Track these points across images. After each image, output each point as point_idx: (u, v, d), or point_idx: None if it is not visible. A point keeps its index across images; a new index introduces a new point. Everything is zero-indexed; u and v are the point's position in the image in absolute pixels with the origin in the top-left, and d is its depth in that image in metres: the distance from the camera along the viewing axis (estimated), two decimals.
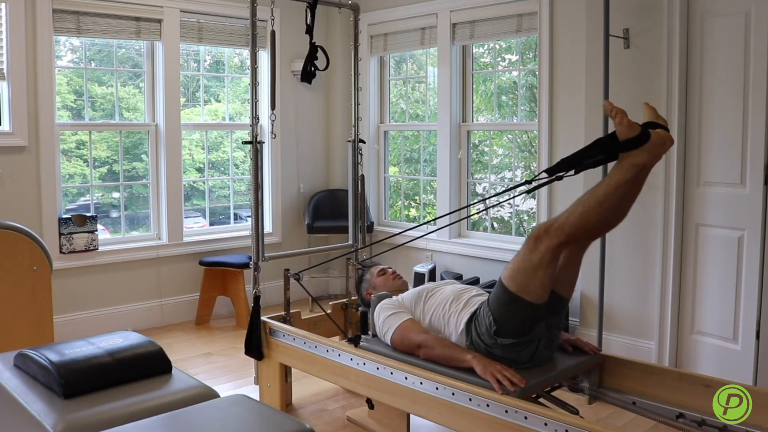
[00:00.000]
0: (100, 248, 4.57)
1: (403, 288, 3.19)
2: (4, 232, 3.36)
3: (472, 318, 2.58)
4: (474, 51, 5.00)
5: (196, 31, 4.96)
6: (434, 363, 2.59)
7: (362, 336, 2.98)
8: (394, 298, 2.94)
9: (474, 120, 5.03)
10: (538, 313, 2.44)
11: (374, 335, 2.94)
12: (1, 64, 4.14)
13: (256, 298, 3.32)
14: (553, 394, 2.75)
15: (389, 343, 2.79)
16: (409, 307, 2.84)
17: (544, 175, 2.42)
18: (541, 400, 2.64)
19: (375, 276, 3.27)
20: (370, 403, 3.13)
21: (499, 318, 2.45)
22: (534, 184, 2.55)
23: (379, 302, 2.92)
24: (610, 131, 3.63)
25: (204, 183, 5.32)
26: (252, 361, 3.49)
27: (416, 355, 2.66)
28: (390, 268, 3.33)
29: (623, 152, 2.27)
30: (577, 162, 2.33)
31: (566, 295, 2.56)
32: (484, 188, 5.18)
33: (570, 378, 2.73)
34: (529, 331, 2.46)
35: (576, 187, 3.96)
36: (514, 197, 4.75)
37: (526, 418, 2.23)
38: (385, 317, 2.82)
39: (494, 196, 3.53)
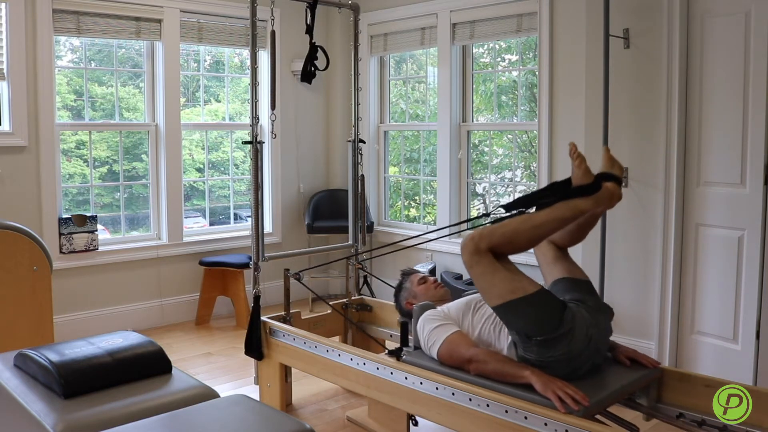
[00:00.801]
0: (100, 248, 4.57)
1: (446, 297, 2.98)
2: (4, 232, 3.36)
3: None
4: (474, 51, 5.00)
5: (196, 31, 4.96)
6: (487, 379, 2.40)
7: (404, 348, 2.81)
8: (439, 308, 2.73)
9: (474, 120, 5.03)
10: (546, 299, 2.32)
11: (416, 348, 2.74)
12: (1, 64, 4.14)
13: (256, 298, 3.32)
14: (609, 410, 2.54)
15: (435, 357, 2.59)
16: (456, 319, 2.64)
17: (502, 210, 2.52)
18: (597, 416, 2.40)
19: (415, 284, 3.05)
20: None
21: (520, 329, 2.33)
22: (492, 217, 2.57)
23: (423, 313, 2.71)
24: (610, 130, 3.65)
25: (204, 183, 5.33)
26: (252, 361, 3.49)
27: (466, 370, 2.47)
28: (432, 276, 3.19)
29: (574, 198, 2.38)
30: (533, 201, 2.47)
31: (570, 274, 2.54)
32: (484, 188, 5.19)
33: (629, 394, 2.53)
34: (559, 322, 2.29)
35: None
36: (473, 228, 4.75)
37: (526, 418, 2.23)
38: (431, 329, 2.61)
39: (455, 225, 3.65)
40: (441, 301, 2.89)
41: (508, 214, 2.48)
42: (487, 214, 2.59)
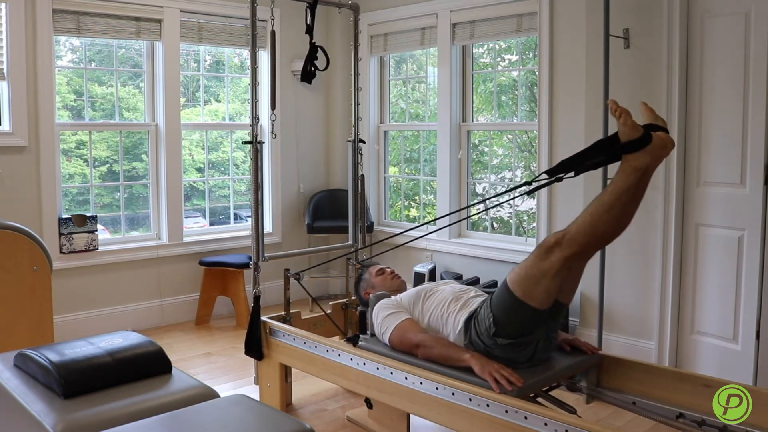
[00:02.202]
0: (100, 248, 4.57)
1: (402, 288, 3.19)
2: (4, 232, 3.36)
3: (472, 317, 2.58)
4: (474, 51, 5.00)
5: (196, 31, 4.96)
6: (432, 362, 2.59)
7: (361, 335, 2.99)
8: (393, 297, 2.95)
9: (474, 120, 5.03)
10: (539, 318, 2.45)
11: (373, 335, 2.94)
12: (1, 64, 4.14)
13: (256, 298, 3.32)
14: (552, 393, 2.75)
15: (387, 343, 2.79)
16: (407, 307, 2.84)
17: (545, 175, 2.42)
18: (539, 399, 2.65)
19: (373, 275, 3.26)
20: (369, 403, 3.14)
21: (500, 320, 2.46)
22: (534, 184, 2.54)
23: (378, 302, 2.92)
24: (610, 130, 3.65)
25: (204, 183, 5.33)
26: (252, 361, 3.48)
27: (414, 354, 2.67)
28: (388, 267, 3.33)
29: (625, 154, 2.27)
30: (577, 163, 2.33)
31: (566, 302, 2.56)
32: (484, 188, 5.19)
33: (568, 377, 2.73)
34: (528, 334, 2.48)
35: (576, 188, 3.97)
36: (515, 198, 4.75)
37: (526, 418, 2.23)
38: (384, 317, 2.82)
39: (495, 196, 3.49)
40: (396, 292, 3.08)
41: (551, 178, 2.38)
42: (529, 182, 2.52)
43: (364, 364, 2.80)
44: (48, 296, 3.50)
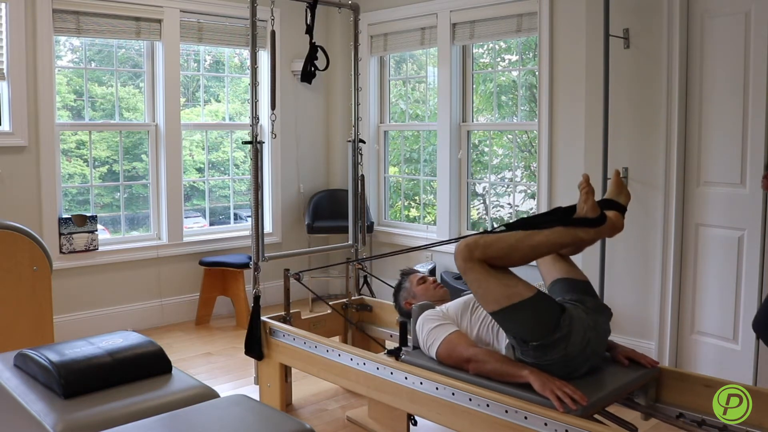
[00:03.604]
0: (100, 248, 4.57)
1: (445, 297, 2.97)
2: (4, 232, 3.36)
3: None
4: (474, 51, 5.00)
5: (196, 31, 4.96)
6: (486, 379, 2.40)
7: (403, 348, 2.83)
8: (438, 308, 2.74)
9: (474, 120, 5.03)
10: (542, 303, 2.30)
11: (415, 347, 2.75)
12: (1, 64, 4.14)
13: (256, 298, 3.32)
14: (608, 409, 2.53)
15: (434, 357, 2.59)
16: (454, 318, 2.65)
17: (503, 229, 2.46)
18: (596, 416, 2.40)
19: (414, 284, 3.05)
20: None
21: (517, 333, 2.32)
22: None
23: (422, 312, 2.72)
24: (610, 130, 3.65)
25: (204, 183, 5.33)
26: (252, 361, 3.48)
27: (465, 369, 2.48)
28: (431, 276, 3.19)
29: (575, 227, 2.33)
30: (534, 223, 2.41)
31: (576, 277, 2.53)
32: (484, 188, 5.19)
33: (627, 394, 2.52)
34: (556, 325, 2.28)
35: (576, 188, 3.96)
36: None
37: (526, 418, 2.23)
38: (430, 329, 2.62)
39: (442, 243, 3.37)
40: (440, 302, 2.88)
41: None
42: (488, 232, 2.49)
43: (364, 364, 2.80)
44: (48, 296, 3.50)
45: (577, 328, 2.31)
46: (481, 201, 5.26)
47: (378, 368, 2.73)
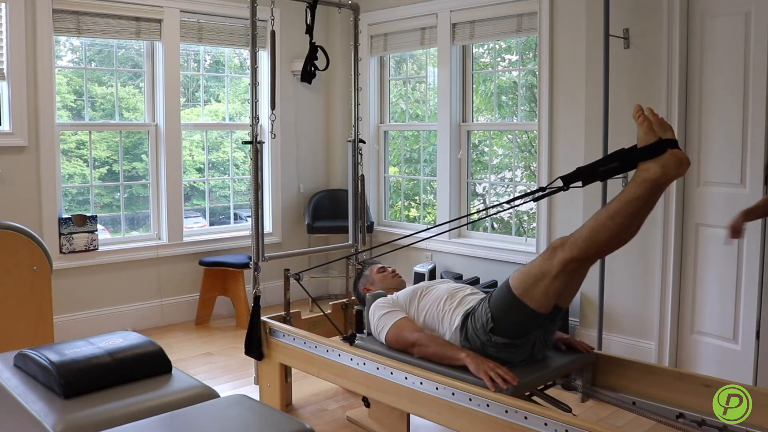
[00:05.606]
0: (100, 248, 4.57)
1: (401, 287, 3.19)
2: (4, 232, 3.36)
3: (469, 315, 2.59)
4: (474, 51, 5.00)
5: (196, 31, 4.96)
6: (428, 361, 2.61)
7: (357, 334, 3.00)
8: (389, 296, 2.96)
9: (474, 120, 5.03)
10: (536, 320, 2.45)
11: (369, 334, 2.96)
12: (1, 64, 4.14)
13: (256, 298, 3.32)
14: (547, 392, 2.77)
15: (384, 342, 2.81)
16: (403, 306, 2.86)
17: (559, 181, 2.38)
18: (535, 398, 2.67)
19: (374, 273, 3.28)
20: (366, 402, 3.14)
21: (497, 317, 2.46)
22: (548, 190, 2.49)
23: (374, 301, 2.94)
24: (610, 130, 3.65)
25: (204, 183, 5.33)
26: (252, 361, 3.49)
27: (410, 353, 2.69)
28: (390, 267, 3.34)
29: (639, 161, 2.22)
30: (594, 169, 2.30)
31: (565, 305, 2.56)
32: (484, 188, 5.19)
33: (563, 376, 2.74)
34: (524, 335, 2.48)
35: (576, 189, 3.96)
36: (525, 202, 4.71)
37: (526, 418, 2.23)
38: (380, 315, 2.84)
39: (512, 200, 3.24)
40: (395, 291, 3.08)
41: (562, 186, 2.36)
42: (543, 188, 2.48)
43: (364, 364, 2.80)
44: (48, 296, 3.50)
45: (527, 345, 2.53)
46: (481, 201, 5.26)
47: (378, 368, 2.74)
